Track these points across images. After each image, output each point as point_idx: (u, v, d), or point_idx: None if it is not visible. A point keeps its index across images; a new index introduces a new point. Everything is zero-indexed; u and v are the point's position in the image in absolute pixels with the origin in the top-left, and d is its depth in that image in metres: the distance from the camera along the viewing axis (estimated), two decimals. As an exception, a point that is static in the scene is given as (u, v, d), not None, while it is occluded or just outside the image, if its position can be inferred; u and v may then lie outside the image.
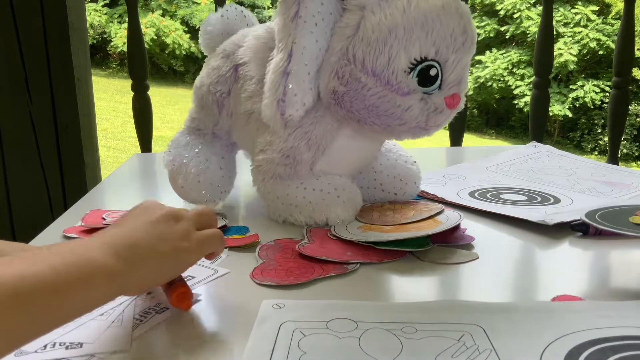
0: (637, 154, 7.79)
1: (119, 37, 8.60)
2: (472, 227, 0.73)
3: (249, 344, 0.45)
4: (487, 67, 8.80)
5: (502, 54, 8.91)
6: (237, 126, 0.81)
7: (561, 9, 8.47)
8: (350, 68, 0.65)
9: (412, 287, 0.59)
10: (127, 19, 1.41)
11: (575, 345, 0.44)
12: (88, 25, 5.11)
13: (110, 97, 7.11)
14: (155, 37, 8.72)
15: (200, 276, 0.58)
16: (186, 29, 9.29)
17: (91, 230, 0.72)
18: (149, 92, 1.43)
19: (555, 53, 1.65)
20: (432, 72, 0.65)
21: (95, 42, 8.82)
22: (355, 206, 0.75)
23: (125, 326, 0.48)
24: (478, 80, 8.76)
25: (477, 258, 0.64)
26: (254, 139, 0.77)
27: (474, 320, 0.48)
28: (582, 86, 8.34)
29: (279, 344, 0.45)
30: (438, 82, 0.66)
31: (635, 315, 0.49)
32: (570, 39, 8.41)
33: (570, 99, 8.30)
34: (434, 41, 0.64)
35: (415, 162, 0.83)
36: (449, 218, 0.71)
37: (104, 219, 0.76)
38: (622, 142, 1.99)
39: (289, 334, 0.46)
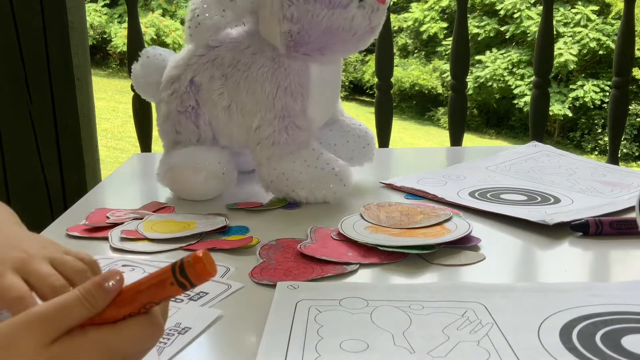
0: (637, 154, 7.79)
1: (119, 37, 8.59)
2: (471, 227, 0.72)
3: (269, 320, 0.48)
4: (487, 67, 8.79)
5: (502, 54, 8.91)
6: (220, 127, 0.83)
7: (561, 9, 8.46)
8: (296, 5, 0.75)
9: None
10: (127, 19, 1.41)
11: (570, 319, 0.49)
12: (88, 25, 5.11)
13: (110, 97, 7.10)
14: (155, 37, 8.71)
15: (214, 292, 0.55)
16: (186, 29, 9.25)
17: (94, 229, 0.72)
18: (149, 92, 1.43)
19: (555, 53, 1.65)
20: None
21: (95, 42, 8.82)
22: (347, 181, 0.82)
23: (150, 352, 0.43)
24: (478, 80, 8.76)
25: (484, 259, 0.64)
26: (244, 127, 0.81)
27: (475, 299, 0.52)
28: (582, 86, 8.33)
29: (297, 318, 0.49)
30: None
31: (622, 294, 0.54)
32: (570, 39, 8.41)
33: (570, 99, 8.29)
34: None
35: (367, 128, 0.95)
36: (457, 226, 0.70)
37: (108, 218, 0.76)
38: (622, 142, 1.99)
39: (305, 310, 0.51)
